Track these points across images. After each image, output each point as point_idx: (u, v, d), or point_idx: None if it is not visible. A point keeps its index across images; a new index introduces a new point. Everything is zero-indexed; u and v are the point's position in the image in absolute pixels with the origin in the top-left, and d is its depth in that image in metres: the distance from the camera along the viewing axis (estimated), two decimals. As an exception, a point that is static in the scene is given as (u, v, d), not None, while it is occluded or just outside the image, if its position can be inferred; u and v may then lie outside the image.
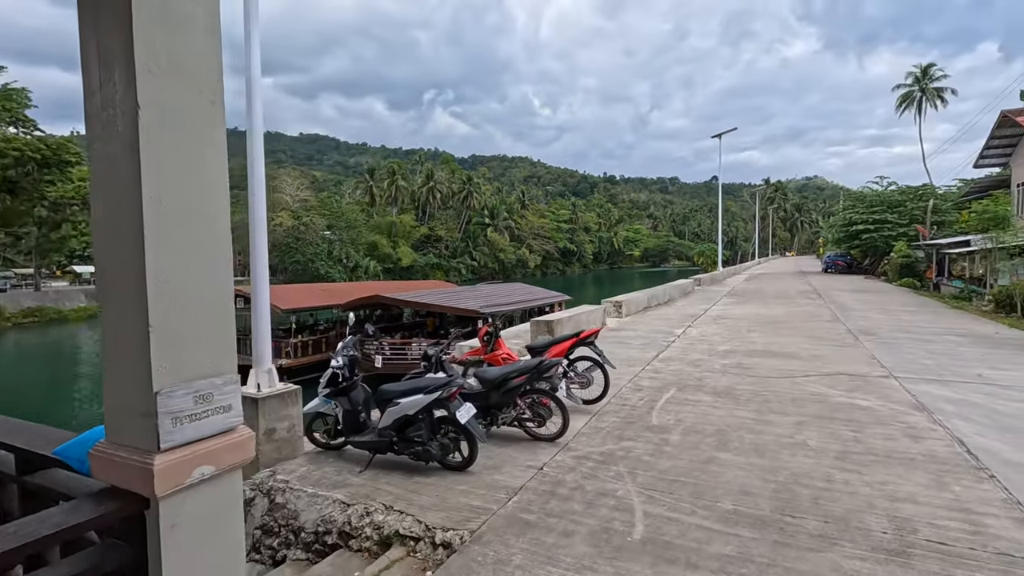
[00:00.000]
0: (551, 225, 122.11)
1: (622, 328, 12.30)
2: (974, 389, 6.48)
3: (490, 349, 6.32)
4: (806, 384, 6.82)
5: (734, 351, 9.20)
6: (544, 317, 10.63)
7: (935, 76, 69.06)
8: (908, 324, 12.29)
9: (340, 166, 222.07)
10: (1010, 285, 14.44)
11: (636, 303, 15.17)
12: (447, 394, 4.24)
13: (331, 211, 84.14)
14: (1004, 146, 22.79)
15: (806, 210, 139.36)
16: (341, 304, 23.60)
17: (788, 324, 12.43)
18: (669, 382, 7.10)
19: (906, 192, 32.69)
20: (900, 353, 8.73)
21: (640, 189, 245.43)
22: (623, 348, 9.70)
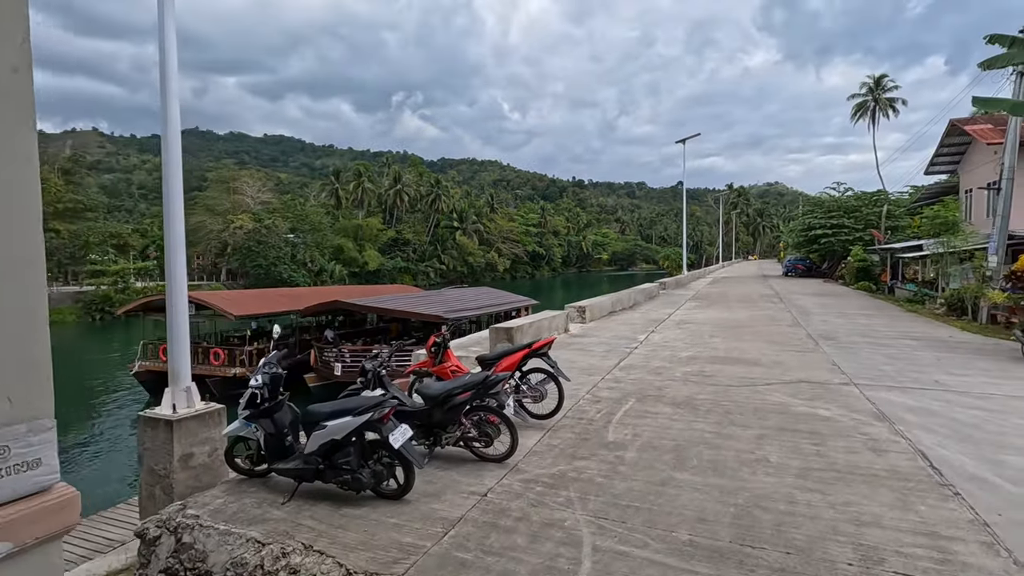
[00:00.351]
0: (520, 229, 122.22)
1: (585, 334, 12.04)
2: (933, 396, 6.40)
3: (438, 361, 5.91)
4: (767, 393, 6.64)
5: (696, 357, 9.02)
6: (504, 324, 10.27)
7: (887, 87, 71.85)
8: (866, 328, 12.40)
9: (306, 168, 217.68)
10: (960, 288, 14.80)
11: (600, 308, 14.97)
12: (379, 415, 3.82)
13: (295, 213, 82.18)
14: (953, 154, 23.61)
15: (767, 215, 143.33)
16: (300, 309, 22.74)
17: (750, 328, 12.39)
18: (629, 392, 6.82)
19: (861, 198, 33.69)
20: (859, 359, 8.69)
21: (608, 193, 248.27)
22: (584, 356, 9.41)
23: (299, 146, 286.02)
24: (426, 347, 6.17)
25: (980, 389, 6.66)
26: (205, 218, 73.89)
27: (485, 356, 5.72)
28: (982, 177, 21.03)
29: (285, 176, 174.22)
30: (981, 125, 19.98)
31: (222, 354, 21.97)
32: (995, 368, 7.88)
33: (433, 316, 20.86)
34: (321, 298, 23.32)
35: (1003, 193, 14.10)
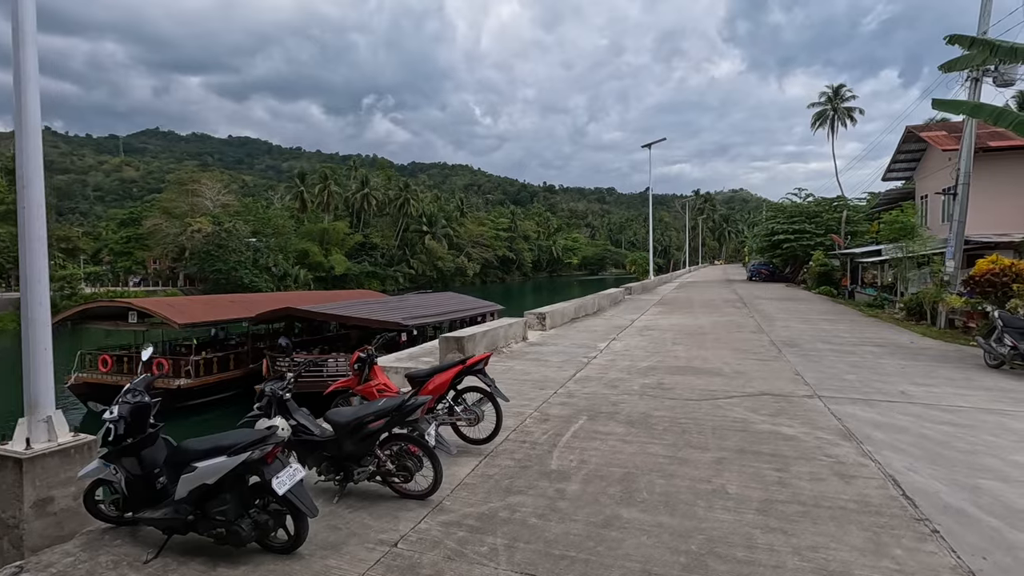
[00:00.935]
0: (490, 233, 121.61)
1: (544, 342, 11.49)
2: (899, 409, 6.03)
3: (364, 379, 5.23)
4: (728, 408, 6.17)
5: (656, 368, 8.55)
6: (455, 333, 9.64)
7: (845, 96, 74.11)
8: (828, 334, 12.21)
9: (273, 170, 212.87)
10: (919, 293, 14.84)
11: (562, 314, 14.47)
12: (261, 454, 3.14)
13: (257, 216, 79.80)
14: (909, 160, 24.07)
15: (733, 221, 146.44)
16: (252, 317, 21.61)
17: (713, 335, 12.05)
18: (581, 409, 6.27)
19: (822, 203, 34.28)
20: (823, 367, 8.36)
21: (579, 199, 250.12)
22: (540, 366, 8.84)
23: (265, 148, 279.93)
24: (350, 363, 5.48)
25: (948, 401, 6.34)
26: (161, 221, 71.20)
27: (415, 373, 5.07)
28: (937, 183, 21.42)
29: (251, 179, 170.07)
30: (936, 132, 20.35)
31: (165, 364, 20.69)
32: (960, 377, 7.63)
33: (392, 323, 20.09)
34: (275, 304, 22.23)
35: (959, 198, 14.18)
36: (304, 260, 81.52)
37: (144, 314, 20.98)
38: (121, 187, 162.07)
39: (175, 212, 74.47)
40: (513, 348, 10.73)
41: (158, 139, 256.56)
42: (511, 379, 7.87)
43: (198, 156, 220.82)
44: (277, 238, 79.44)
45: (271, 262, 74.03)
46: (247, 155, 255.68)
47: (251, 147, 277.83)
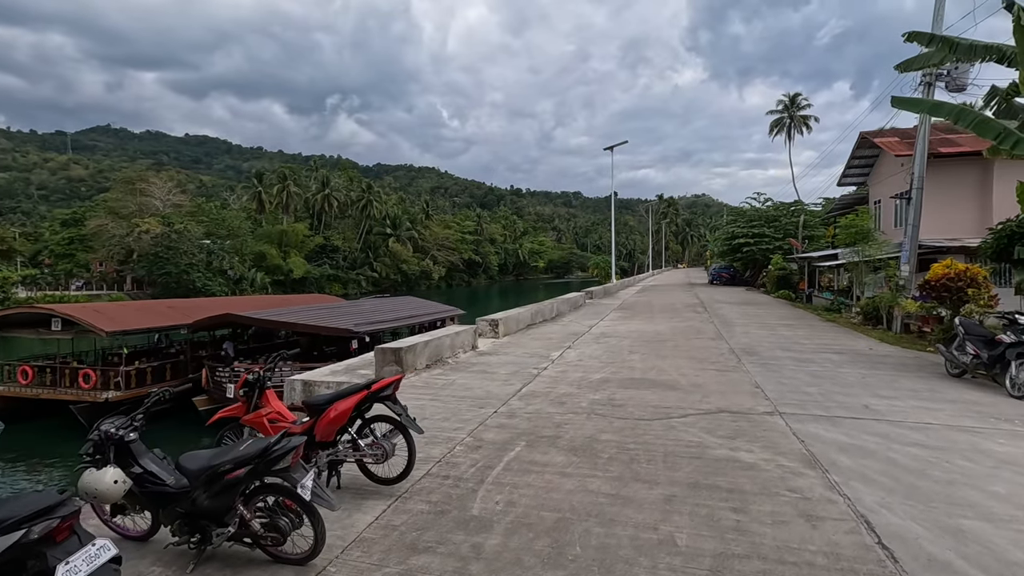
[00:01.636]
0: (456, 236, 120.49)
1: (494, 351, 10.76)
2: (865, 428, 5.53)
3: (252, 407, 4.37)
4: (683, 428, 5.56)
5: (609, 380, 7.92)
6: (393, 343, 8.81)
7: (801, 105, 76.28)
8: (787, 341, 11.87)
9: (232, 171, 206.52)
10: (875, 298, 14.76)
11: (517, 321, 13.77)
12: (44, 532, 2.29)
13: (211, 217, 76.69)
14: (863, 166, 24.42)
15: (695, 225, 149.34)
16: (189, 324, 20.15)
17: (672, 342, 11.56)
18: (520, 432, 5.55)
19: (780, 208, 34.71)
20: (783, 379, 7.88)
21: (545, 202, 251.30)
22: (484, 380, 8.10)
23: (225, 147, 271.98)
24: (236, 386, 4.59)
25: (914, 417, 5.88)
26: (107, 221, 67.59)
27: (313, 400, 4.24)
28: (890, 188, 21.71)
29: (209, 179, 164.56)
30: (889, 138, 20.59)
31: (93, 376, 19.11)
32: (923, 388, 7.25)
33: (341, 330, 19.05)
34: (214, 310, 20.83)
35: (913, 203, 14.15)
36: (261, 263, 78.82)
37: (69, 321, 19.31)
38: (68, 186, 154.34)
39: (122, 212, 70.90)
40: (460, 358, 9.96)
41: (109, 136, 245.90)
42: (450, 396, 7.11)
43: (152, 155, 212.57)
44: (233, 240, 76.57)
45: (227, 265, 71.20)
46: (205, 155, 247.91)
47: (209, 146, 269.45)
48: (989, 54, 7.62)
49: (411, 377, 8.31)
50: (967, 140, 19.36)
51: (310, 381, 8.85)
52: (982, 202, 18.87)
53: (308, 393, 9.07)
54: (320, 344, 23.32)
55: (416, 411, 6.42)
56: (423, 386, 7.76)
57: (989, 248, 12.02)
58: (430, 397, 7.08)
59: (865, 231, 16.46)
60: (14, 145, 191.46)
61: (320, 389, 8.93)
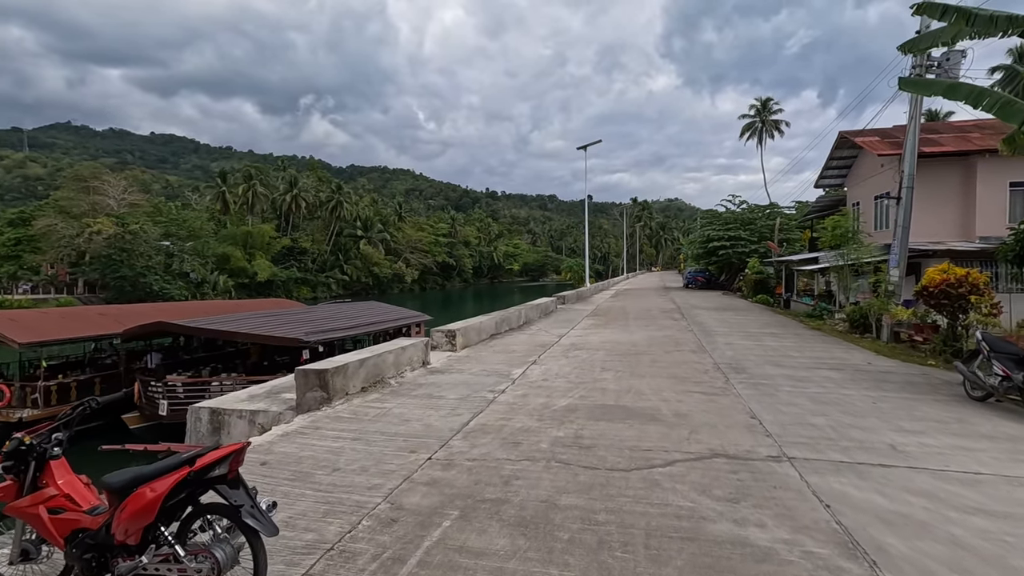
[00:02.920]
0: (429, 238, 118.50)
1: (449, 368, 9.33)
2: (902, 482, 4.28)
3: (26, 489, 2.85)
4: (669, 486, 4.23)
5: (577, 408, 6.57)
6: (318, 364, 7.31)
7: (773, 109, 76.91)
8: (776, 353, 10.73)
9: (200, 171, 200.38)
10: (864, 304, 13.80)
11: (479, 331, 12.36)
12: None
13: (169, 217, 73.34)
14: (841, 167, 23.78)
15: (669, 228, 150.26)
16: (118, 333, 18.17)
17: (649, 356, 10.30)
18: (456, 493, 4.15)
19: (755, 210, 34.09)
20: (782, 405, 6.66)
21: (521, 205, 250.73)
22: (427, 409, 6.67)
23: (192, 147, 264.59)
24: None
25: (957, 462, 4.67)
26: (57, 221, 63.88)
27: (112, 481, 2.75)
28: (870, 189, 21.04)
29: (175, 179, 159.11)
30: (870, 137, 19.87)
31: (7, 392, 17.08)
32: (950, 418, 6.09)
33: (289, 339, 17.38)
34: (155, 316, 18.89)
35: (903, 203, 13.24)
36: (225, 265, 75.75)
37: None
38: (24, 185, 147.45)
39: (73, 211, 67.20)
40: (406, 378, 8.51)
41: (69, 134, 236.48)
42: (378, 433, 5.67)
43: (116, 153, 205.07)
44: (194, 241, 73.38)
45: (187, 267, 68.06)
46: (172, 154, 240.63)
47: (176, 145, 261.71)
48: (1014, 27, 6.58)
49: (338, 406, 6.83)
50: (950, 140, 18.74)
51: (219, 409, 7.32)
52: (965, 203, 18.24)
53: (216, 425, 7.53)
54: (272, 354, 21.56)
55: (330, 456, 5.01)
56: (349, 418, 6.31)
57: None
58: (353, 435, 5.63)
59: (852, 233, 15.55)
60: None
61: (232, 420, 7.39)
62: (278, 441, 5.54)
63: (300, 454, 5.11)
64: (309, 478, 4.51)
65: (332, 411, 6.64)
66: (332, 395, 7.03)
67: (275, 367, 20.62)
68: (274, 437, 5.69)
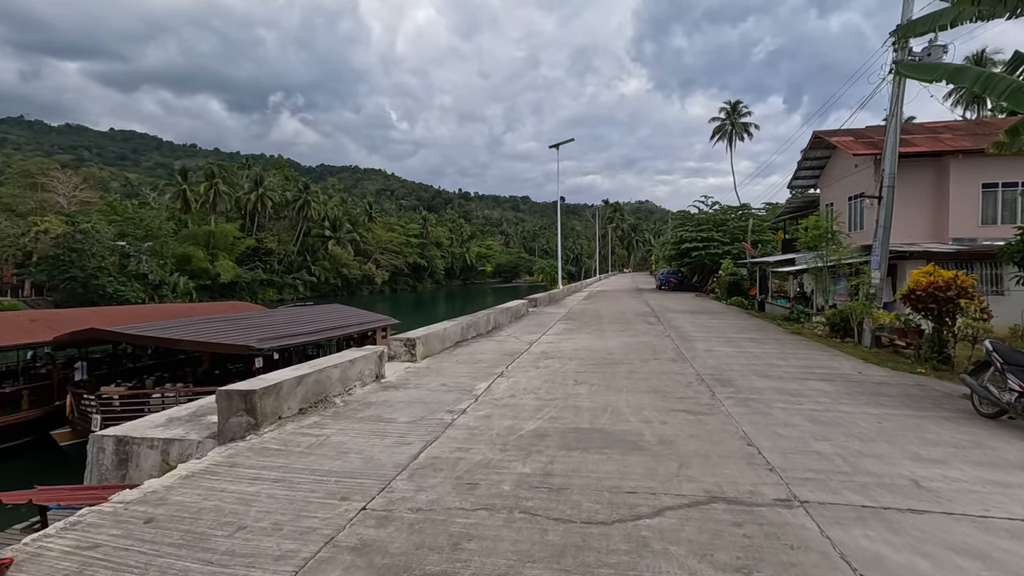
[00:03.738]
0: (400, 239, 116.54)
1: (405, 382, 8.33)
2: (942, 537, 3.51)
3: None
4: (659, 549, 3.36)
5: (547, 433, 5.68)
6: (241, 385, 6.22)
7: (742, 112, 77.82)
8: (760, 362, 10.05)
9: (162, 168, 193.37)
10: (845, 307, 13.32)
11: (442, 338, 11.36)
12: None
13: (124, 216, 70.00)
14: (814, 167, 23.59)
15: (640, 230, 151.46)
16: (48, 341, 16.55)
17: (626, 366, 9.49)
18: (386, 568, 3.19)
19: (728, 211, 33.89)
20: (777, 426, 5.89)
21: (494, 206, 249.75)
22: (371, 436, 5.68)
23: (155, 144, 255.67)
24: None
25: (998, 505, 3.93)
26: (0, 220, 60.25)
27: None
28: (844, 190, 20.81)
29: (136, 176, 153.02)
30: (844, 137, 19.60)
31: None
32: (966, 441, 5.40)
33: (238, 347, 16.08)
34: (93, 323, 17.29)
35: (884, 202, 12.79)
36: (186, 266, 72.76)
37: None
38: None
39: (19, 209, 63.54)
40: (354, 395, 7.49)
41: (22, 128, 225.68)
42: (306, 471, 4.66)
43: (72, 149, 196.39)
44: (152, 242, 70.22)
45: (144, 268, 64.99)
46: (132, 151, 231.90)
47: (137, 142, 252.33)
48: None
49: (267, 434, 5.79)
50: (923, 140, 18.57)
51: (127, 438, 6.21)
52: (938, 205, 18.08)
53: (123, 457, 6.40)
54: (224, 362, 20.12)
55: (239, 508, 3.85)
56: (276, 450, 5.27)
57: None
58: (275, 475, 4.61)
59: (831, 233, 15.11)
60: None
61: (142, 451, 6.27)
62: (178, 485, 4.48)
63: (202, 504, 4.08)
64: (203, 542, 3.50)
65: (258, 441, 5.60)
66: (261, 420, 5.98)
67: (227, 376, 19.22)
68: (175, 480, 4.62)
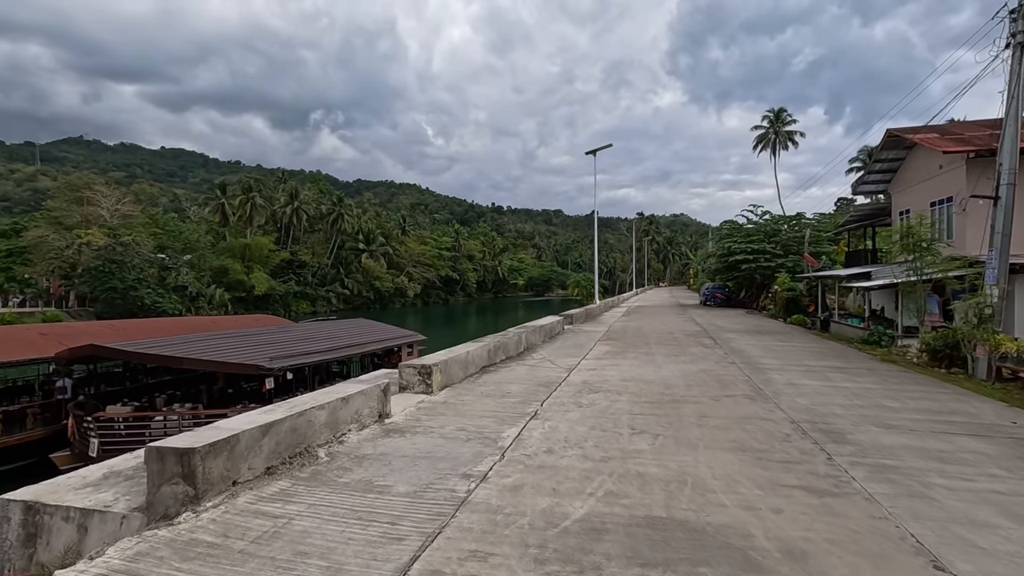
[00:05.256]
0: (433, 252, 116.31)
1: (414, 425, 6.59)
2: None
3: None
4: None
5: (603, 528, 3.81)
6: (177, 441, 4.54)
7: (786, 120, 74.47)
8: (864, 402, 7.91)
9: (207, 184, 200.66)
10: (955, 330, 10.95)
11: (465, 364, 9.60)
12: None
13: (165, 229, 71.42)
14: (885, 171, 21.06)
15: (676, 243, 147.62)
16: (50, 356, 15.58)
17: (692, 404, 7.53)
18: None
19: (779, 221, 31.26)
20: (959, 524, 3.87)
21: (526, 220, 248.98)
22: (349, 523, 3.92)
23: (201, 161, 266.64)
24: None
25: None
26: (48, 232, 62.12)
27: None
28: (923, 195, 18.23)
29: (182, 192, 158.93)
30: (928, 134, 17.14)
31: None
32: None
33: (247, 366, 14.72)
34: (80, 339, 16.24)
35: (1002, 204, 10.48)
36: (223, 278, 73.72)
37: None
38: (33, 197, 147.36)
39: (66, 223, 65.50)
40: (347, 444, 5.78)
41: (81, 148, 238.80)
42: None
43: (125, 167, 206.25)
44: (191, 254, 71.51)
45: (185, 280, 66.00)
46: (180, 168, 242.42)
47: (185, 159, 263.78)
48: None
49: (207, 513, 4.11)
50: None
51: (39, 506, 4.64)
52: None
53: (32, 530, 4.83)
54: (239, 380, 18.86)
55: None
56: (208, 545, 3.58)
57: None
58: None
59: (925, 242, 12.78)
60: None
61: (56, 524, 4.69)
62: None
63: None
64: None
65: (189, 527, 3.92)
66: (203, 491, 4.30)
67: (240, 395, 17.96)
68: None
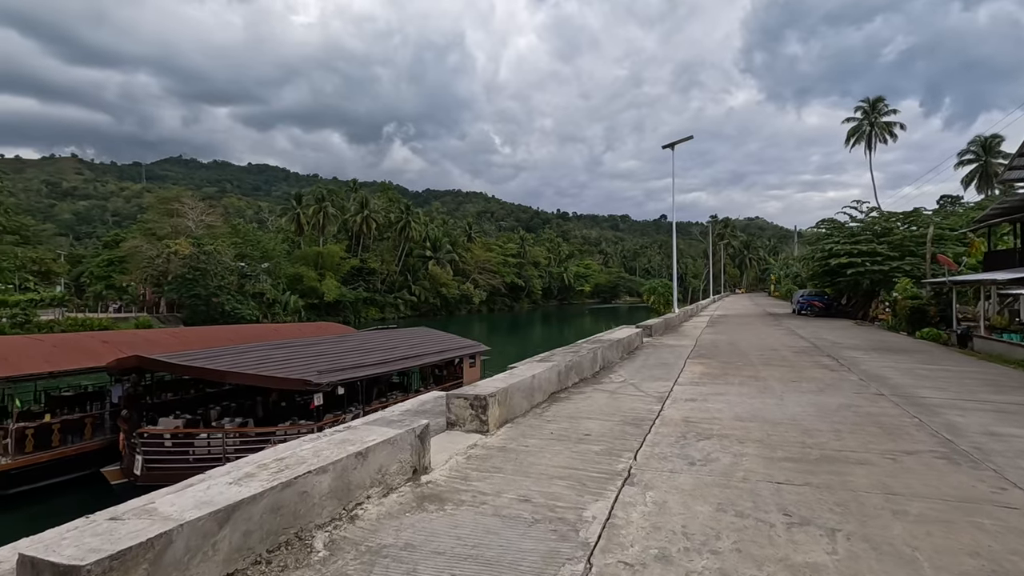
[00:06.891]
0: (498, 259, 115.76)
1: (454, 490, 4.69)
2: None
3: None
4: None
5: None
6: (63, 558, 2.89)
7: (883, 111, 67.61)
8: None
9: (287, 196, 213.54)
10: None
11: (530, 391, 7.63)
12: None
13: (245, 239, 74.88)
14: (1042, 154, 17.22)
15: (754, 247, 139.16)
16: (101, 366, 15.13)
17: (857, 465, 5.18)
18: None
19: (891, 218, 27.12)
20: None
21: (592, 226, 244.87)
22: None
23: (283, 175, 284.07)
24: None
25: None
26: (141, 243, 66.72)
27: None
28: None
29: (267, 204, 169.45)
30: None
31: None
32: None
33: (292, 380, 13.53)
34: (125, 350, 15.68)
35: None
36: (297, 285, 76.40)
37: None
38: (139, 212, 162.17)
39: (158, 233, 70.17)
40: (361, 522, 3.96)
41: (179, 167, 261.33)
42: None
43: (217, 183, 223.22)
44: (268, 262, 74.64)
45: (263, 287, 68.83)
46: (264, 182, 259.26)
47: (269, 174, 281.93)
48: None
49: None
50: None
51: None
52: None
53: None
54: (292, 393, 17.87)
55: None
56: None
57: None
58: None
59: None
60: (96, 176, 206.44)
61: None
62: None
63: None
64: None
65: None
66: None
67: (292, 410, 16.94)
68: None
